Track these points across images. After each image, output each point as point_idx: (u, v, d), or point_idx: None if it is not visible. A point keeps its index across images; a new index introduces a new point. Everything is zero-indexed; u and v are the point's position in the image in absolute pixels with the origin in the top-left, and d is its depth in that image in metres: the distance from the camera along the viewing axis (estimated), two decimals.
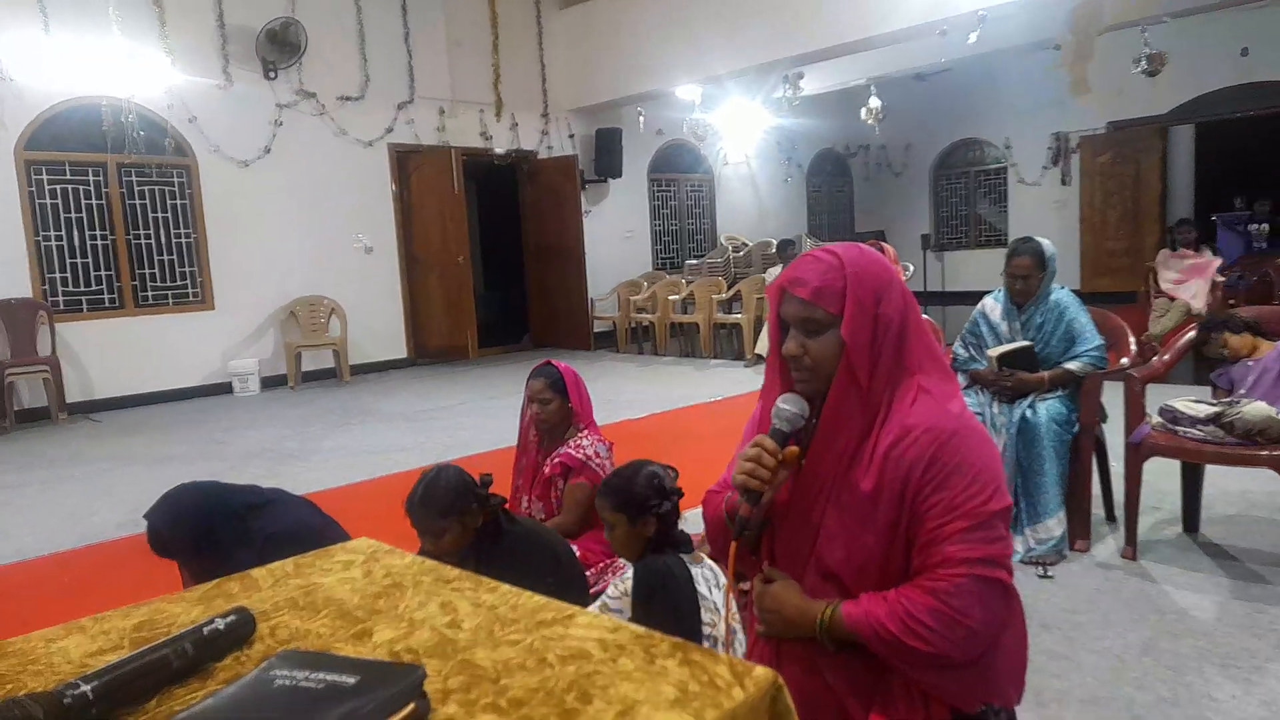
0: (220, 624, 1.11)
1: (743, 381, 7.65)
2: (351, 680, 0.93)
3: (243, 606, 1.18)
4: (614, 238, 11.49)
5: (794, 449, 1.39)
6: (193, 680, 1.04)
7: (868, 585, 1.34)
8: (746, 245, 12.28)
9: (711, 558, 2.98)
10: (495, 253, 13.34)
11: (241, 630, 1.14)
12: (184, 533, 2.04)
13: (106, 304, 7.79)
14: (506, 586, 1.30)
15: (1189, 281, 7.52)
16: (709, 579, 2.13)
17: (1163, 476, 3.69)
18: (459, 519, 2.27)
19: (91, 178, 7.65)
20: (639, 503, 2.05)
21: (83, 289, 7.66)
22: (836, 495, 1.37)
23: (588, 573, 2.91)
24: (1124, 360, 3.41)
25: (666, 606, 1.92)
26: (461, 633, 1.14)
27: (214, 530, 2.04)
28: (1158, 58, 8.86)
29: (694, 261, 11.86)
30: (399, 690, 0.90)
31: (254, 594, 1.34)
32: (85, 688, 0.92)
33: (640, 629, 1.13)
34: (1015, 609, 1.39)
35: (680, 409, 6.61)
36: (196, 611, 1.28)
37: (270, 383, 8.52)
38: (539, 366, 3.17)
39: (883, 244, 3.72)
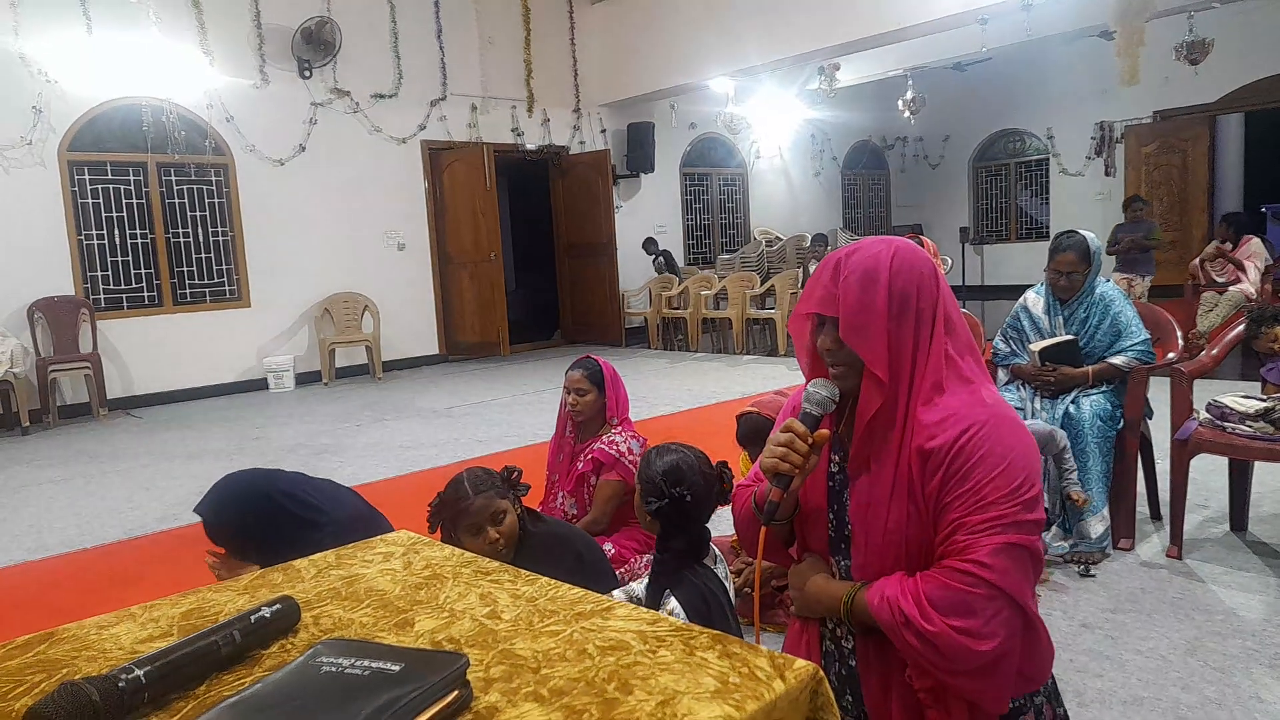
0: (267, 612, 1.12)
1: (777, 378, 7.61)
2: (396, 668, 0.93)
3: (288, 596, 1.19)
4: (646, 232, 11.48)
5: (825, 432, 1.39)
6: (240, 667, 1.06)
7: (896, 573, 1.33)
8: (780, 239, 12.21)
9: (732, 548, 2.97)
10: (527, 249, 13.41)
11: (287, 619, 1.15)
12: (252, 519, 2.05)
13: (146, 301, 7.95)
14: (545, 579, 1.30)
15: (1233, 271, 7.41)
16: (722, 573, 2.12)
17: (1210, 474, 3.61)
18: (501, 499, 2.26)
19: (132, 177, 7.80)
20: (645, 491, 1.99)
21: (123, 287, 7.82)
22: (867, 487, 1.36)
23: (620, 569, 2.91)
24: (1170, 355, 3.34)
25: (724, 628, 1.93)
26: (501, 623, 1.15)
27: (278, 517, 2.05)
28: (1200, 46, 8.65)
29: (727, 256, 11.82)
30: (443, 678, 0.91)
31: (298, 584, 1.35)
32: (138, 672, 0.94)
33: (680, 621, 1.12)
34: (1037, 621, 1.34)
35: (713, 405, 6.59)
36: (242, 601, 1.30)
37: (305, 379, 8.64)
38: (579, 359, 3.21)
39: (922, 238, 3.67)
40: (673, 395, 7.06)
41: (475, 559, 1.41)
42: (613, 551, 2.96)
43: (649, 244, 11.04)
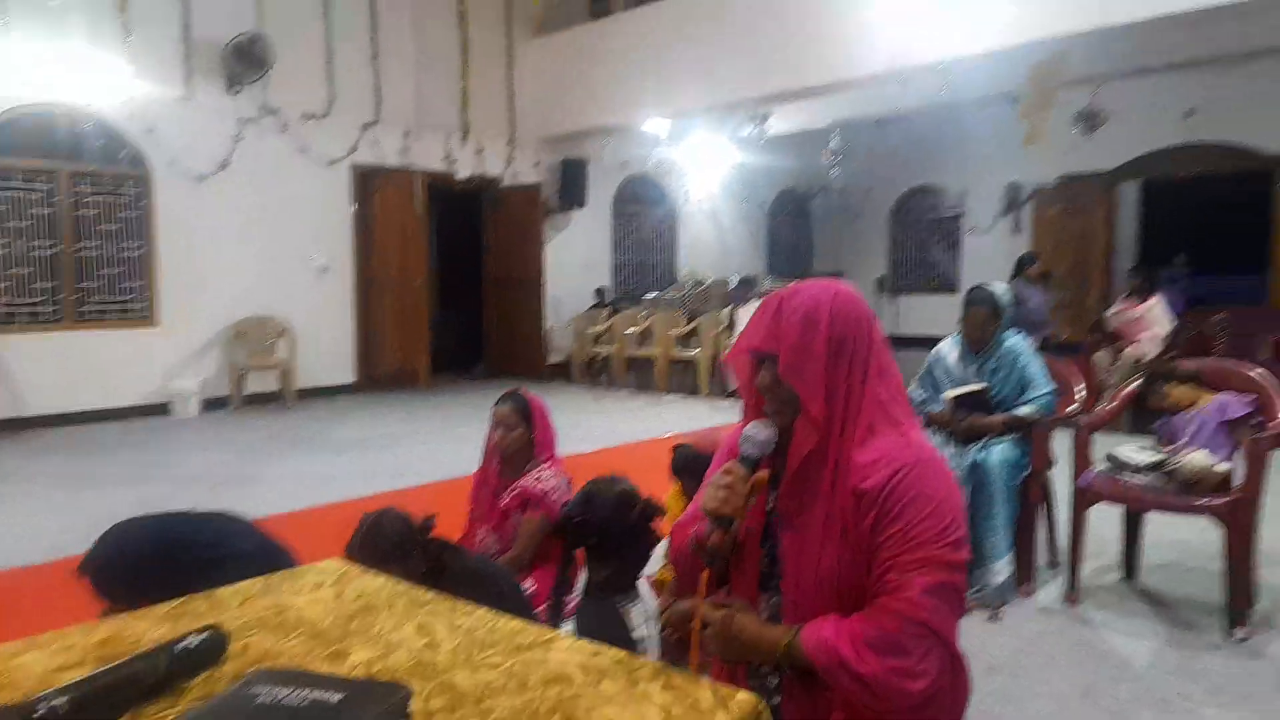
0: (192, 641, 1.09)
1: (699, 418, 7.69)
2: (335, 698, 0.92)
3: (213, 625, 1.16)
4: (575, 268, 11.52)
5: (763, 474, 1.42)
6: (164, 698, 1.02)
7: (827, 614, 1.36)
8: (705, 281, 12.40)
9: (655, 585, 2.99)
10: (452, 279, 13.25)
11: (213, 648, 1.12)
12: (145, 570, 1.93)
13: (45, 316, 7.53)
14: (482, 610, 1.30)
15: (1136, 332, 7.63)
16: (645, 612, 2.13)
17: (1104, 523, 3.80)
18: (401, 565, 2.23)
19: (42, 186, 7.45)
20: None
21: (20, 300, 7.40)
22: (800, 525, 1.40)
23: (539, 609, 2.88)
24: (1072, 406, 3.52)
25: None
26: (440, 655, 1.14)
27: (172, 566, 1.94)
28: (1095, 115, 9.15)
29: (653, 295, 11.94)
30: (385, 709, 0.90)
31: (222, 613, 1.31)
32: (58, 701, 0.90)
33: (623, 653, 1.13)
34: (960, 661, 1.40)
35: (636, 442, 6.61)
36: (163, 629, 1.25)
37: (211, 405, 8.29)
38: (508, 393, 3.16)
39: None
40: (596, 432, 7.05)
41: (410, 589, 1.40)
42: (533, 588, 2.94)
43: (599, 293, 11.50)
